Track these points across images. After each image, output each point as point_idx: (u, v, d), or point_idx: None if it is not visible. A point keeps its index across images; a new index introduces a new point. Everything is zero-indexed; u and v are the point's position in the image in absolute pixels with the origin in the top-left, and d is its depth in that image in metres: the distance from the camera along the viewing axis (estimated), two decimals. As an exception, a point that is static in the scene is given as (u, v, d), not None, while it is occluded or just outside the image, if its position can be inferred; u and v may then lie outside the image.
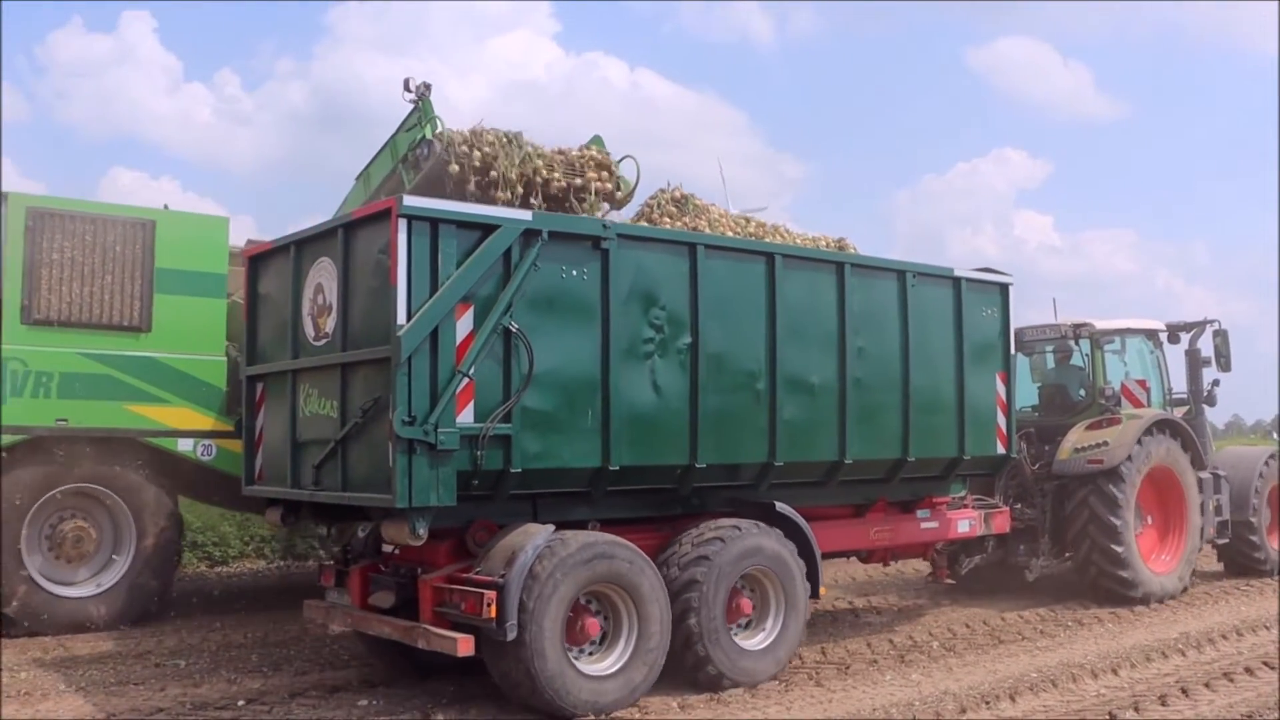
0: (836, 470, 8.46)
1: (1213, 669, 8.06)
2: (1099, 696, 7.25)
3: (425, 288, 6.35)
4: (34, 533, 9.19)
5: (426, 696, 7.17)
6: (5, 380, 8.90)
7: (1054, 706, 7.00)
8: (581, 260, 6.99)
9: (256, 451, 7.95)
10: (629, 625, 7.03)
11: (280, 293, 7.67)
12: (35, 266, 9.09)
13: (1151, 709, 6.93)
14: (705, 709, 6.90)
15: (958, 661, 8.32)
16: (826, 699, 7.18)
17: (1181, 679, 7.73)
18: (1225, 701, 7.11)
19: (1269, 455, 13.00)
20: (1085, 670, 7.97)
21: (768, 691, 7.29)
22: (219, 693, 7.34)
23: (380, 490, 6.45)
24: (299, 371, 7.34)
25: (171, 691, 7.35)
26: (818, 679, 7.70)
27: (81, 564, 9.48)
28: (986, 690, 7.33)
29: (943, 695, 7.21)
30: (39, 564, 9.23)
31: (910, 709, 6.88)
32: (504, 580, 6.48)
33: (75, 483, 9.26)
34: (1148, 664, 8.26)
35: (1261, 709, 6.90)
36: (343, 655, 8.48)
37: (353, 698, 7.16)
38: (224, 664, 8.21)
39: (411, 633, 6.80)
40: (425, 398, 6.30)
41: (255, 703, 7.08)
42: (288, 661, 8.29)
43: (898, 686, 7.53)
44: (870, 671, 7.98)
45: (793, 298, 8.05)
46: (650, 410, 7.28)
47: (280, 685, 7.52)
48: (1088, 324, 11.85)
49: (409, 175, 8.28)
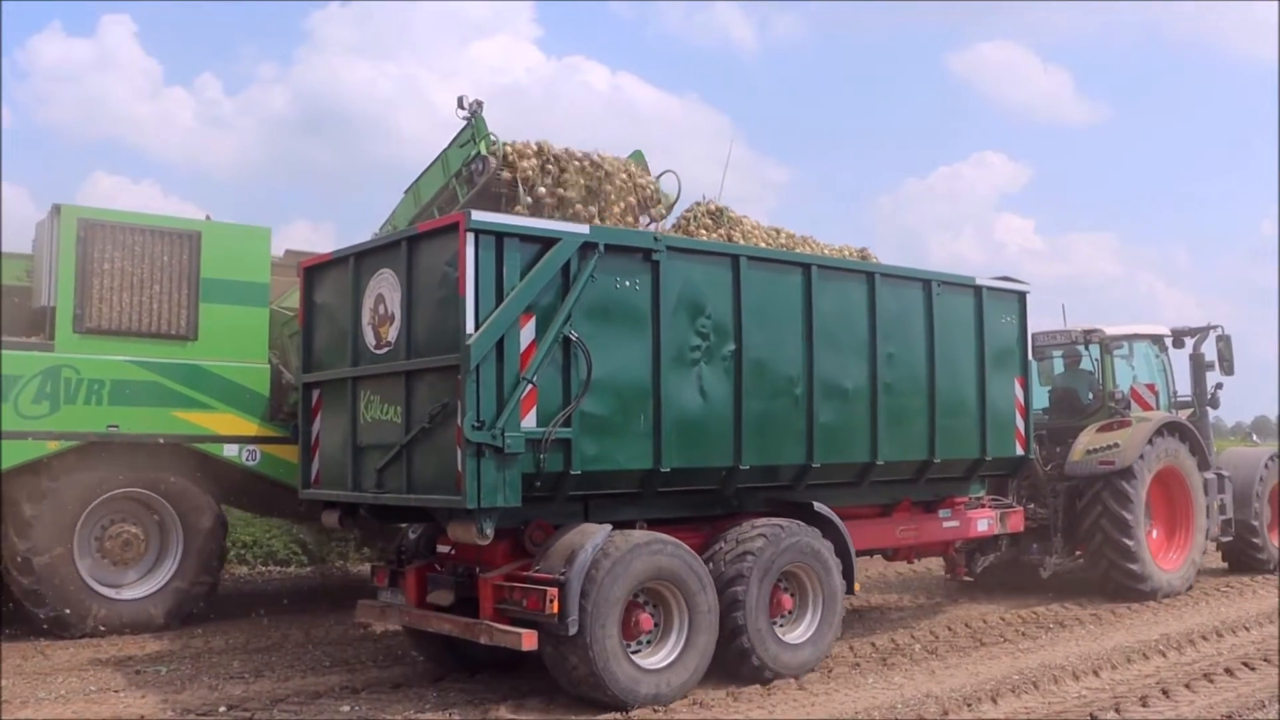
0: (868, 471, 8.80)
1: (1193, 670, 8.11)
2: (1080, 698, 7.27)
3: (491, 298, 6.66)
4: (84, 536, 9.42)
5: (412, 701, 7.18)
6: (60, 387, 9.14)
7: (1035, 708, 7.01)
8: (634, 271, 7.32)
9: (313, 456, 8.22)
10: (680, 620, 7.34)
11: (337, 302, 7.95)
12: (86, 276, 9.34)
13: (1132, 710, 6.94)
14: (686, 711, 6.93)
15: (940, 664, 8.34)
16: (809, 702, 7.19)
17: (1162, 680, 7.76)
18: (1205, 702, 7.15)
19: (1270, 456, 13.44)
20: (1066, 672, 8.00)
21: (749, 695, 7.29)
22: (200, 699, 7.31)
23: (448, 492, 6.74)
24: (359, 379, 7.62)
25: (152, 699, 7.33)
26: (799, 682, 7.67)
27: (129, 567, 9.73)
28: (968, 692, 7.34)
29: (925, 698, 7.22)
30: (88, 567, 9.46)
31: (892, 711, 6.90)
32: (565, 577, 6.78)
33: (125, 487, 9.51)
34: (1128, 665, 8.29)
35: (1241, 709, 6.96)
36: (325, 661, 8.51)
37: (335, 704, 7.17)
38: (205, 670, 8.19)
39: (474, 629, 7.09)
40: (492, 403, 6.61)
41: (237, 709, 7.05)
42: (270, 668, 8.28)
43: (880, 689, 7.53)
44: (852, 674, 7.97)
45: (827, 306, 8.39)
46: (697, 414, 7.61)
47: (262, 691, 7.51)
48: (1098, 330, 12.25)
49: (463, 189, 8.57)
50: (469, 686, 7.66)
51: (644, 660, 7.16)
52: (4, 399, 8.93)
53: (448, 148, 8.82)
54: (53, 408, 9.13)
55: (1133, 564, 11.15)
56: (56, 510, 9.17)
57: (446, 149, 8.84)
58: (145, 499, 9.68)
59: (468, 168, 8.48)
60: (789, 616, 8.10)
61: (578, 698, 7.02)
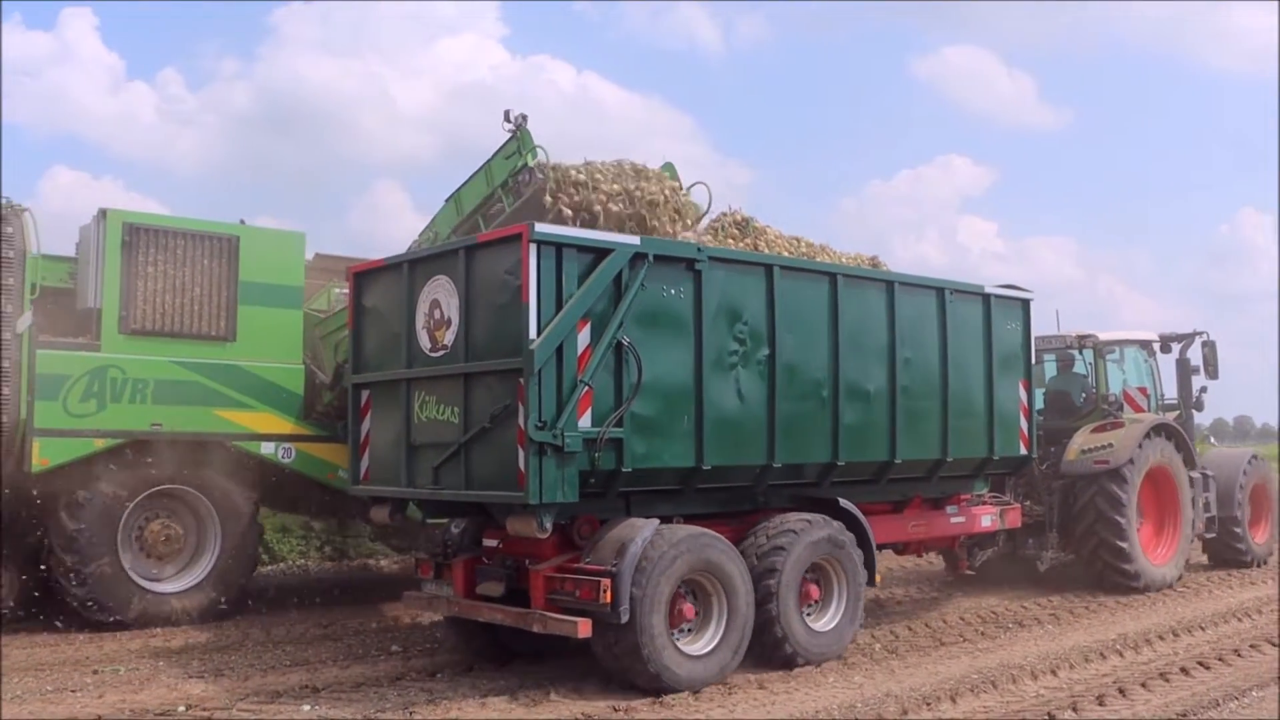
0: (886, 469, 9.28)
1: (1149, 669, 8.14)
2: (1038, 697, 7.29)
3: (552, 305, 7.05)
4: (126, 531, 9.70)
5: (372, 701, 7.19)
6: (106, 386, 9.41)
7: (994, 707, 7.03)
8: (678, 280, 7.74)
9: (363, 454, 8.55)
10: (719, 609, 7.76)
11: (388, 307, 8.29)
12: (131, 279, 9.62)
13: (1089, 709, 6.98)
14: (648, 710, 6.92)
15: (899, 663, 8.35)
16: (769, 701, 7.19)
17: (1119, 679, 7.78)
18: (1161, 701, 7.20)
19: (1250, 456, 14.11)
20: (1025, 671, 8.02)
21: (710, 694, 7.30)
22: (158, 699, 7.27)
23: (508, 488, 7.13)
24: (413, 380, 7.97)
25: (110, 698, 7.29)
26: (760, 681, 7.65)
27: (168, 561, 10.01)
28: (927, 692, 7.34)
29: (884, 697, 7.25)
30: (129, 560, 9.73)
31: (852, 710, 6.91)
32: (617, 568, 7.19)
33: (168, 484, 9.80)
34: (1086, 665, 8.31)
35: (1195, 708, 7.03)
36: (285, 661, 8.50)
37: (295, 703, 7.15)
38: (164, 670, 8.18)
39: (527, 618, 7.48)
40: (553, 405, 7.01)
41: (196, 708, 7.03)
42: (230, 667, 8.27)
43: (840, 688, 7.55)
44: (812, 673, 7.95)
45: (851, 313, 8.85)
46: (735, 415, 8.04)
47: (221, 691, 7.53)
48: (1092, 335, 12.83)
49: (509, 200, 8.94)
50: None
51: (687, 647, 7.58)
52: (54, 398, 9.20)
53: (491, 159, 9.18)
54: (100, 406, 9.41)
55: (1125, 560, 11.72)
56: (102, 505, 9.44)
57: (490, 160, 9.19)
58: (184, 495, 9.97)
59: (515, 179, 8.86)
60: (816, 606, 8.55)
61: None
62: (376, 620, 10.36)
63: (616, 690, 7.35)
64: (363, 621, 10.22)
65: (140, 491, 9.66)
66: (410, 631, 9.84)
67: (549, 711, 6.96)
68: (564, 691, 7.36)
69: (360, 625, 10.09)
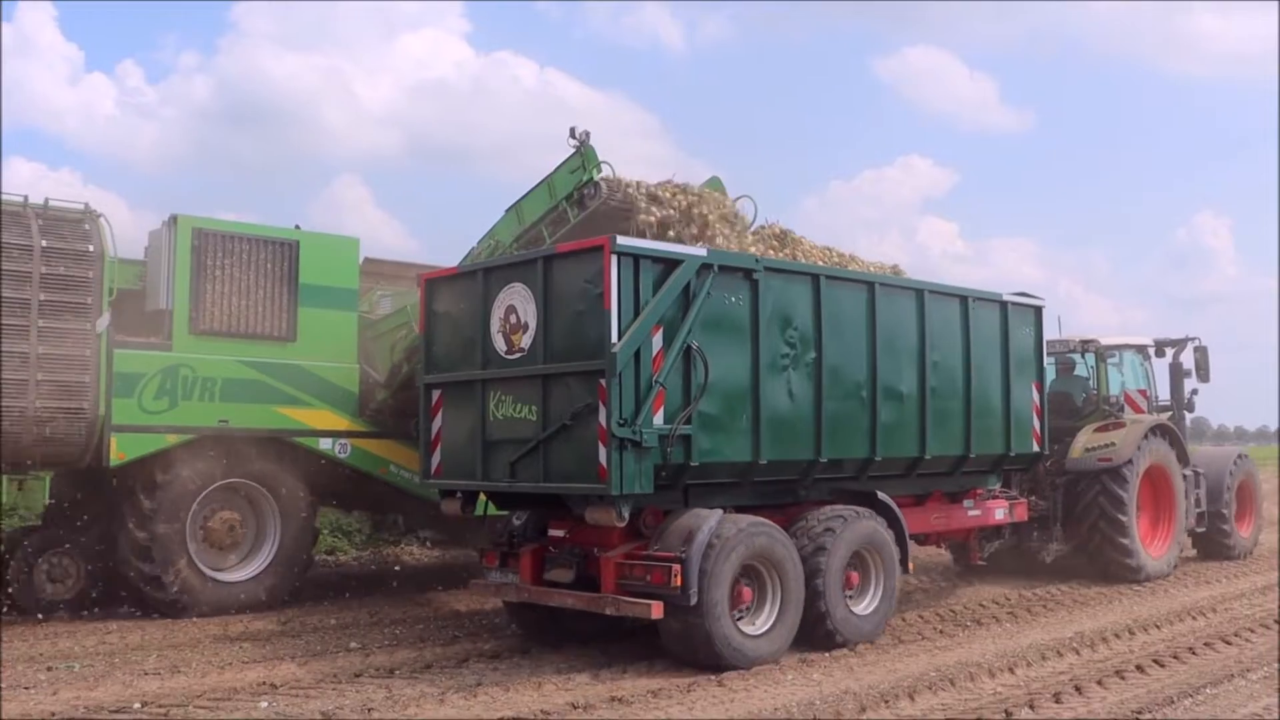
0: (916, 465, 9.94)
1: (1105, 667, 8.17)
2: (996, 695, 7.33)
3: (630, 311, 7.64)
4: (192, 524, 10.13)
5: (330, 698, 7.20)
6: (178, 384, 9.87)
7: (952, 705, 7.06)
8: (738, 289, 8.35)
9: (434, 450, 9.07)
10: (773, 593, 8.38)
11: (461, 312, 8.82)
12: (200, 282, 10.07)
13: (1046, 706, 7.02)
14: (606, 709, 6.92)
15: (858, 661, 8.38)
16: (728, 699, 7.22)
17: (1076, 677, 7.81)
18: (1117, 699, 7.23)
19: (1237, 455, 14.96)
20: (983, 669, 8.04)
21: (669, 692, 7.33)
22: (113, 696, 7.21)
23: (588, 480, 7.70)
24: (488, 381, 8.51)
25: (64, 695, 7.26)
26: (719, 679, 7.66)
27: (229, 552, 10.47)
28: (886, 689, 7.38)
29: (843, 694, 7.27)
30: (195, 552, 10.17)
31: (811, 708, 6.92)
32: (686, 555, 7.78)
33: (233, 478, 10.26)
34: (1043, 662, 8.35)
35: (1151, 704, 7.08)
36: (242, 657, 8.54)
37: (252, 700, 7.17)
38: (119, 667, 8.12)
39: (599, 602, 8.05)
40: (631, 403, 7.59)
41: (151, 705, 6.98)
42: (186, 664, 8.24)
43: (799, 686, 7.57)
44: (771, 671, 7.96)
45: (887, 319, 9.50)
46: (787, 414, 8.67)
47: (178, 688, 7.47)
48: (1094, 340, 13.60)
49: (574, 212, 9.48)
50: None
51: (746, 628, 8.19)
52: (130, 395, 9.64)
53: (554, 173, 9.71)
54: (171, 403, 9.86)
55: (1126, 552, 12.47)
56: (172, 500, 9.88)
57: (553, 174, 9.72)
58: (247, 489, 10.43)
59: (580, 192, 9.40)
60: (855, 591, 9.18)
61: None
62: (371, 613, 10.52)
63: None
64: (373, 612, 10.47)
65: (208, 485, 10.10)
66: (369, 628, 9.81)
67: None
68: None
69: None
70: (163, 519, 9.82)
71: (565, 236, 9.32)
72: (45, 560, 10.04)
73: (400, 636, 9.36)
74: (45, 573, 10.03)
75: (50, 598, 10.00)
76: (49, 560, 10.05)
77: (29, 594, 9.92)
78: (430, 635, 9.41)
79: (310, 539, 10.89)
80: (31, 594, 9.93)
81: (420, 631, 9.58)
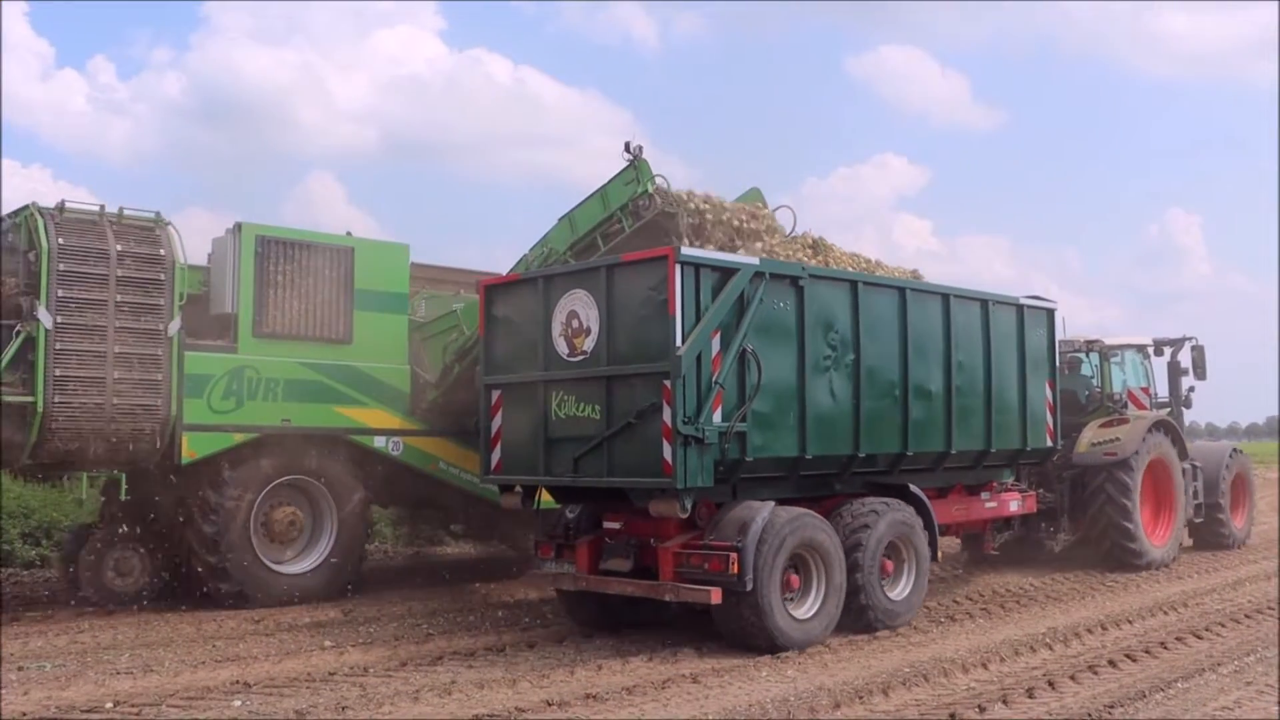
0: (943, 459, 10.56)
1: (1078, 662, 8.21)
2: (969, 690, 7.33)
3: (692, 317, 8.20)
4: (256, 517, 10.63)
5: (304, 696, 7.19)
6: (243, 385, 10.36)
7: (925, 700, 7.07)
8: (786, 295, 8.94)
9: (494, 447, 9.60)
10: (818, 580, 8.97)
11: (521, 316, 9.35)
12: (264, 287, 10.56)
13: (1019, 702, 7.04)
14: (581, 707, 6.91)
15: (832, 657, 8.42)
16: (703, 695, 7.21)
17: (1048, 672, 7.86)
18: (1089, 694, 7.25)
19: (1231, 449, 15.73)
20: (956, 665, 8.05)
21: (644, 689, 7.34)
22: (85, 696, 7.20)
23: (653, 475, 8.26)
24: (550, 381, 9.05)
25: (35, 695, 7.22)
26: (694, 676, 7.68)
27: (288, 545, 10.96)
28: (860, 685, 7.40)
29: (818, 690, 7.27)
30: (257, 543, 10.65)
31: (786, 705, 6.94)
32: (742, 544, 8.36)
33: (295, 474, 10.76)
34: (1016, 658, 8.39)
35: (1123, 699, 7.09)
36: (215, 656, 8.52)
37: (225, 699, 7.16)
38: (91, 666, 8.12)
39: (659, 589, 8.61)
40: (694, 403, 8.16)
41: (124, 705, 6.95)
42: (159, 663, 8.23)
43: (773, 682, 7.59)
44: (746, 668, 8.00)
45: (917, 322, 10.11)
46: (829, 412, 9.26)
47: (150, 687, 7.44)
48: (1098, 340, 14.30)
49: (629, 222, 10.03)
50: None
51: (794, 612, 8.78)
52: (200, 395, 10.13)
53: (607, 185, 10.24)
54: (238, 403, 10.36)
55: (1132, 541, 13.16)
56: (237, 497, 10.37)
57: (606, 186, 10.25)
58: (305, 484, 10.93)
59: (635, 203, 9.95)
60: (891, 578, 9.79)
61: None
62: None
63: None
64: (347, 610, 10.52)
65: (270, 481, 10.60)
66: (343, 626, 9.76)
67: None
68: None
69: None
70: (229, 515, 10.31)
71: (621, 244, 9.87)
72: (112, 555, 10.54)
73: (374, 635, 9.44)
74: (112, 566, 10.53)
75: (118, 590, 10.50)
76: (115, 555, 10.55)
77: (99, 587, 10.40)
78: (404, 634, 9.47)
79: (364, 533, 11.39)
80: (102, 587, 10.41)
81: (394, 630, 9.64)
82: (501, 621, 10.00)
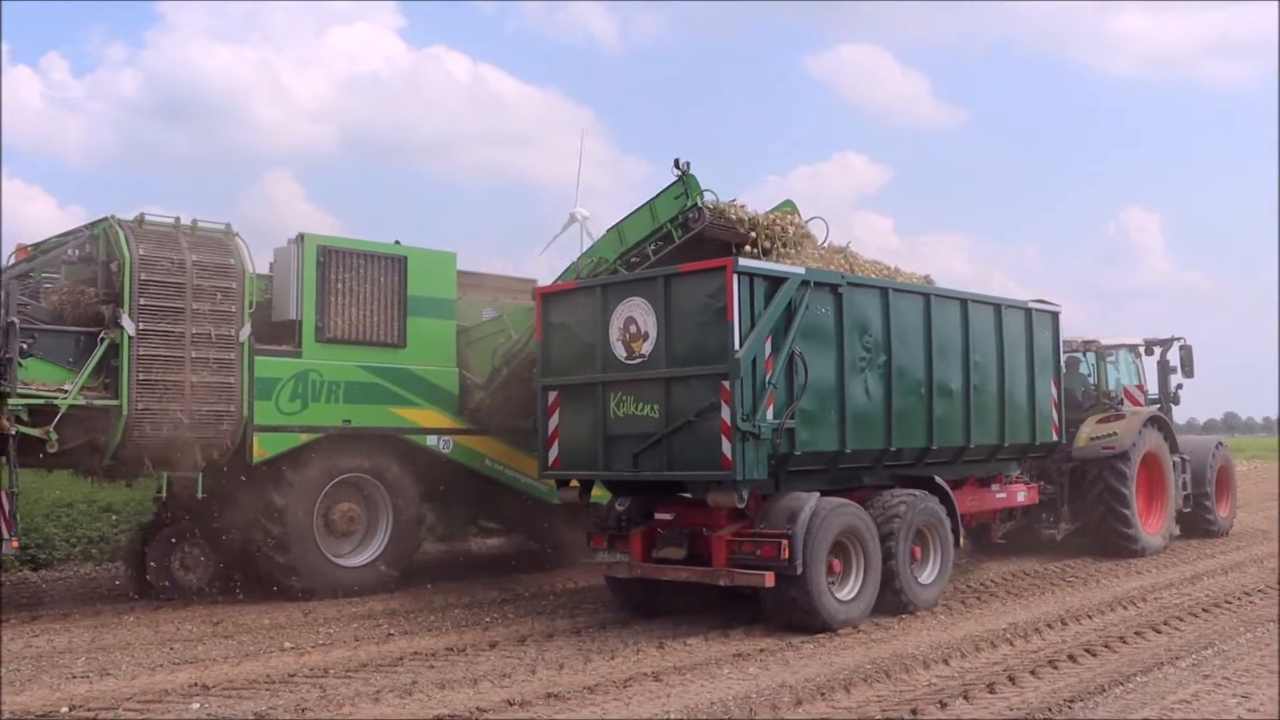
0: (962, 453, 11.36)
1: (1039, 657, 8.26)
2: (930, 686, 7.38)
3: (748, 322, 8.93)
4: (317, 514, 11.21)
5: (263, 699, 7.14)
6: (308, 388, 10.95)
7: (887, 697, 7.10)
8: (827, 301, 9.69)
9: (551, 445, 10.26)
10: (858, 565, 9.73)
11: (578, 322, 10.03)
12: (325, 294, 11.16)
13: (980, 697, 7.08)
14: (542, 706, 6.89)
15: (794, 655, 8.43)
16: (665, 694, 7.21)
17: (1009, 667, 7.89)
18: (1050, 688, 7.30)
19: (1217, 443, 16.72)
20: (918, 661, 8.11)
21: (605, 688, 7.34)
22: (40, 700, 7.15)
23: (712, 468, 8.97)
24: (609, 383, 9.73)
25: None
26: (655, 674, 7.70)
27: (346, 539, 11.56)
28: (822, 682, 7.43)
29: (779, 688, 7.29)
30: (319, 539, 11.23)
31: (748, 703, 6.95)
32: (792, 531, 9.09)
33: (354, 473, 11.36)
34: (977, 653, 8.43)
35: (1083, 693, 7.15)
36: (174, 658, 8.44)
37: (184, 701, 7.10)
38: (47, 670, 8.08)
39: (714, 575, 9.32)
40: (750, 402, 8.89)
41: (80, 709, 6.92)
42: (116, 666, 8.18)
43: (735, 679, 7.61)
44: (708, 666, 8.02)
45: (939, 325, 10.90)
46: (865, 409, 10.02)
47: (107, 691, 7.39)
48: (1095, 341, 15.20)
49: (678, 233, 10.70)
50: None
51: (838, 594, 9.53)
52: (269, 398, 10.72)
53: (656, 198, 10.88)
54: (303, 405, 10.96)
55: (1128, 529, 14.05)
56: (302, 494, 10.96)
57: (654, 199, 10.90)
58: (363, 482, 11.53)
59: (685, 215, 10.62)
60: (918, 563, 10.56)
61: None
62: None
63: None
64: (307, 611, 10.51)
65: (331, 479, 11.19)
66: (302, 628, 9.81)
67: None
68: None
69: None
70: (294, 512, 10.88)
71: (670, 255, 10.59)
72: (179, 550, 11.10)
73: (334, 636, 9.42)
74: (179, 561, 11.10)
75: (183, 584, 11.06)
76: (182, 550, 11.11)
77: (166, 581, 10.95)
78: (364, 634, 9.45)
79: (417, 527, 12.01)
80: (169, 581, 10.96)
81: (355, 630, 9.64)
82: (462, 622, 10.06)
